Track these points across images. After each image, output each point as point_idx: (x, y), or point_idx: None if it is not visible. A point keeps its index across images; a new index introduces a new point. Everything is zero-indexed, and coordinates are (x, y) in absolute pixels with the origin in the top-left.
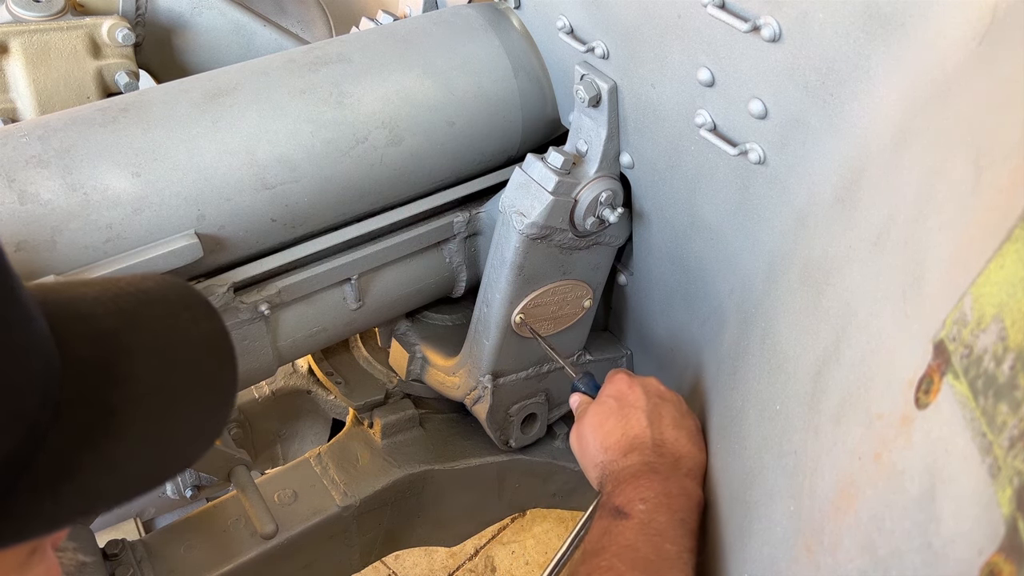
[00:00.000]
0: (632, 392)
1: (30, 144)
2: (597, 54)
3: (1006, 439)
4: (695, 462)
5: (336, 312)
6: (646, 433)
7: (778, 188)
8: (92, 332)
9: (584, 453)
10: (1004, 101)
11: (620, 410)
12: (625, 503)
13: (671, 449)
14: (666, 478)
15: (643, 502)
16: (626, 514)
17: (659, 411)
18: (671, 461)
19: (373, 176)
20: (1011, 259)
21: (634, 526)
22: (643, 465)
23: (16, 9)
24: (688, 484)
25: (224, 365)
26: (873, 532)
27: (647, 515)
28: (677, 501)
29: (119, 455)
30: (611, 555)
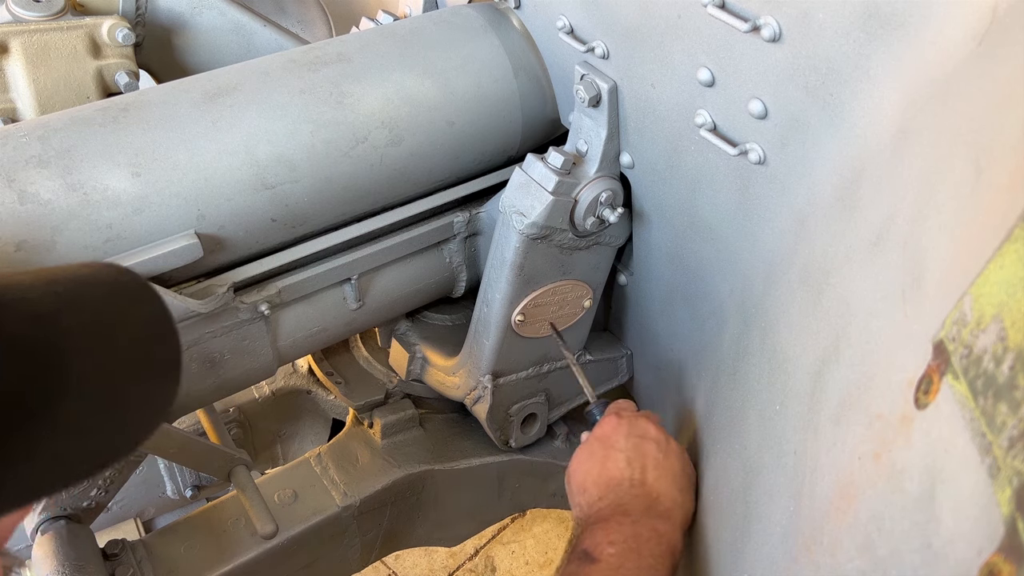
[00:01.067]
0: (615, 433)
1: (30, 144)
2: (597, 54)
3: (1005, 439)
4: (674, 503)
5: (336, 312)
6: (623, 474)
7: (778, 188)
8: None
9: (569, 490)
10: (1004, 101)
11: (601, 451)
12: (593, 547)
13: (649, 490)
14: (636, 520)
15: (611, 545)
16: (594, 558)
17: (640, 451)
18: (646, 502)
19: (373, 176)
20: (1011, 259)
21: (601, 571)
22: (615, 507)
23: (16, 9)
24: (661, 526)
25: (166, 346)
26: (873, 532)
27: (616, 560)
28: (647, 546)
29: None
30: None
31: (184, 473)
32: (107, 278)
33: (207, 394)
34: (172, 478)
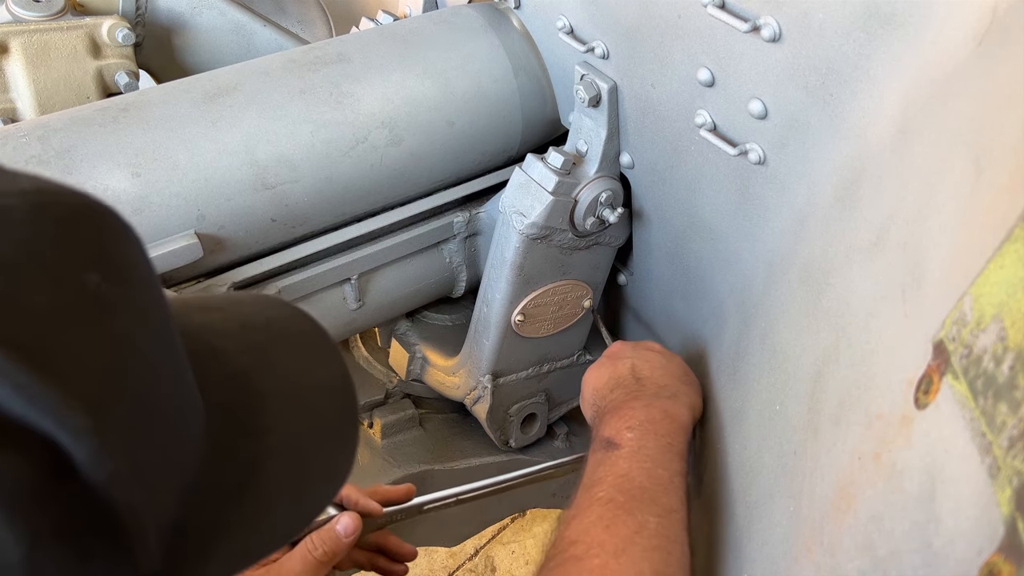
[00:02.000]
0: (624, 348)
1: (30, 144)
2: (597, 54)
3: (1005, 439)
4: (678, 390)
5: (336, 312)
6: (628, 372)
7: (778, 188)
8: (226, 373)
9: (583, 403)
10: (1004, 101)
11: (610, 361)
12: (614, 434)
13: (656, 380)
14: (648, 404)
15: (630, 430)
16: (616, 444)
17: (645, 357)
18: (653, 389)
19: (373, 176)
20: (1011, 259)
21: (626, 455)
22: (626, 394)
23: (16, 9)
24: (670, 406)
25: (347, 410)
26: (873, 532)
27: (636, 442)
28: (661, 426)
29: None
30: (608, 485)
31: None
32: (293, 326)
33: None
34: None
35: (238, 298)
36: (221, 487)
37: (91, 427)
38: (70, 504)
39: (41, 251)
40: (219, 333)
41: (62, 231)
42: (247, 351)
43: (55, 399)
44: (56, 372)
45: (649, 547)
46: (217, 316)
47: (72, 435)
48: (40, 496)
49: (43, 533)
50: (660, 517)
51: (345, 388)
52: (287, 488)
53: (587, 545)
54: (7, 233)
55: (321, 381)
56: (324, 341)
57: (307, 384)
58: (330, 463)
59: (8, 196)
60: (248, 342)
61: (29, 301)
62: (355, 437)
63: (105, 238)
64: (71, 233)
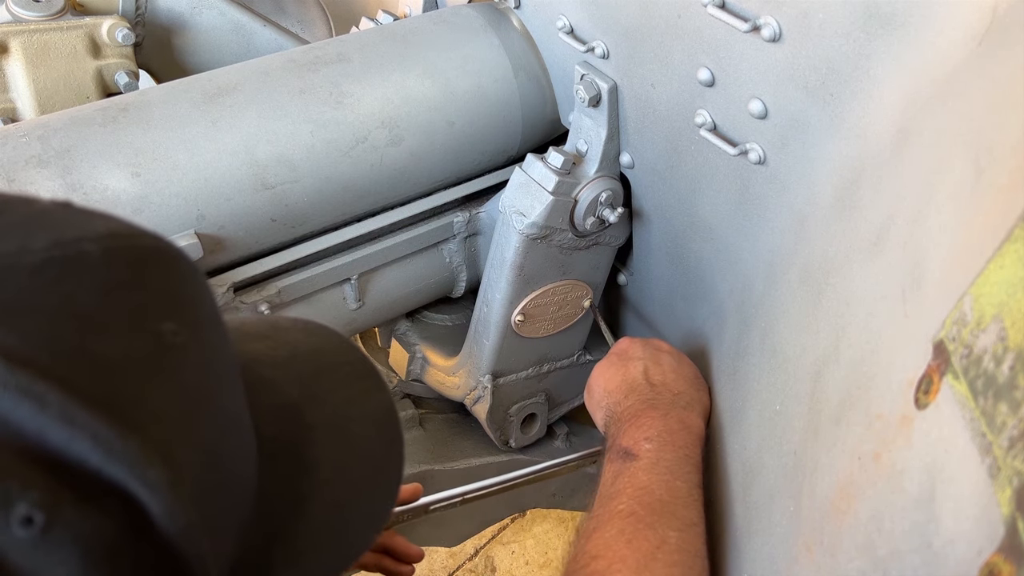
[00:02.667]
0: (632, 347)
1: (30, 144)
2: (597, 54)
3: (1006, 439)
4: (693, 398)
5: (336, 312)
6: (642, 377)
7: (778, 188)
8: (277, 405)
9: (591, 401)
10: (1004, 101)
11: (620, 361)
12: (632, 444)
13: (670, 387)
14: (665, 414)
15: (648, 441)
16: (634, 455)
17: (656, 359)
18: (669, 397)
19: (373, 176)
20: (1011, 259)
21: (644, 466)
22: (642, 403)
23: (16, 9)
24: (686, 416)
25: (393, 443)
26: (873, 532)
27: (654, 454)
28: (679, 436)
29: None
30: (627, 498)
31: None
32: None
33: None
34: None
35: (280, 324)
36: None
37: (168, 480)
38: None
39: (117, 299)
40: (268, 363)
41: (136, 277)
42: (295, 382)
43: (134, 453)
44: (133, 425)
45: (670, 562)
46: (264, 345)
47: (151, 489)
48: (116, 551)
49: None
50: (680, 531)
51: (390, 419)
52: (335, 520)
53: (609, 560)
54: (85, 280)
55: (366, 413)
56: (369, 371)
57: (354, 416)
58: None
59: (83, 241)
60: (296, 373)
61: (107, 352)
62: (400, 468)
63: (175, 280)
64: (145, 278)
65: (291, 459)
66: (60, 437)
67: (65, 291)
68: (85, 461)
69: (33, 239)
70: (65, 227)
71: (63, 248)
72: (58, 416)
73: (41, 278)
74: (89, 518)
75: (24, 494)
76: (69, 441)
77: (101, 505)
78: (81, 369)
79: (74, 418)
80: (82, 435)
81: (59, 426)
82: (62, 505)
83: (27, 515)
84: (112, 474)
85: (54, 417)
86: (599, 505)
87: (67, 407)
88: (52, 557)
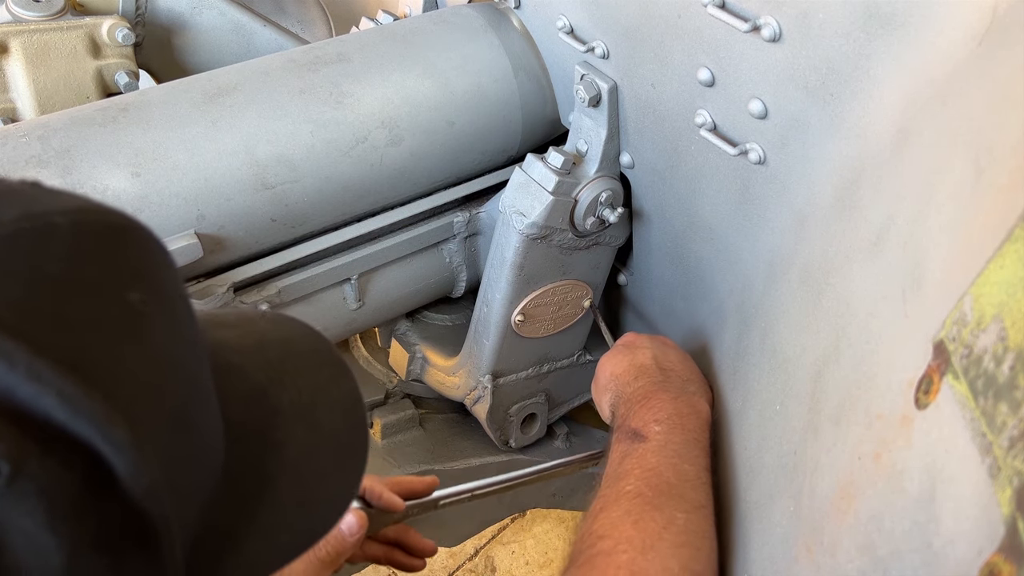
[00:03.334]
0: (639, 338)
1: (30, 144)
2: (597, 54)
3: (1006, 439)
4: (701, 386)
5: (336, 312)
6: (651, 361)
7: (778, 188)
8: (245, 390)
9: (597, 388)
10: (1004, 101)
11: (627, 350)
12: (641, 425)
13: (678, 373)
14: (675, 397)
15: (657, 423)
16: (643, 436)
17: (664, 348)
18: (679, 382)
19: (373, 176)
20: (1011, 259)
21: (653, 448)
22: (652, 385)
23: (16, 9)
24: (696, 401)
25: (358, 428)
26: (873, 532)
27: (663, 436)
28: (689, 420)
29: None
30: (635, 479)
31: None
32: (306, 344)
33: None
34: None
35: (248, 315)
36: (237, 499)
37: (132, 440)
38: (108, 513)
39: (86, 267)
40: (236, 350)
41: (104, 248)
42: (263, 368)
43: (100, 411)
44: (100, 385)
45: (677, 543)
46: (233, 333)
47: (115, 447)
48: (81, 505)
49: (82, 541)
50: (688, 513)
51: (355, 405)
52: (300, 501)
53: (615, 540)
54: (54, 249)
55: (333, 398)
56: (335, 359)
57: (320, 401)
58: (341, 477)
59: (52, 214)
60: (264, 359)
61: (75, 315)
62: (364, 452)
63: (143, 255)
64: (113, 250)
65: (257, 441)
66: (27, 393)
67: (34, 259)
68: (51, 417)
69: (3, 211)
70: (34, 202)
71: (32, 220)
72: (25, 372)
73: (10, 246)
74: (53, 471)
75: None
76: (35, 397)
77: (66, 460)
78: (48, 329)
79: (40, 375)
80: (48, 391)
81: (26, 382)
82: (28, 458)
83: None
84: (78, 430)
85: (21, 374)
86: (606, 486)
87: (33, 364)
88: (18, 507)
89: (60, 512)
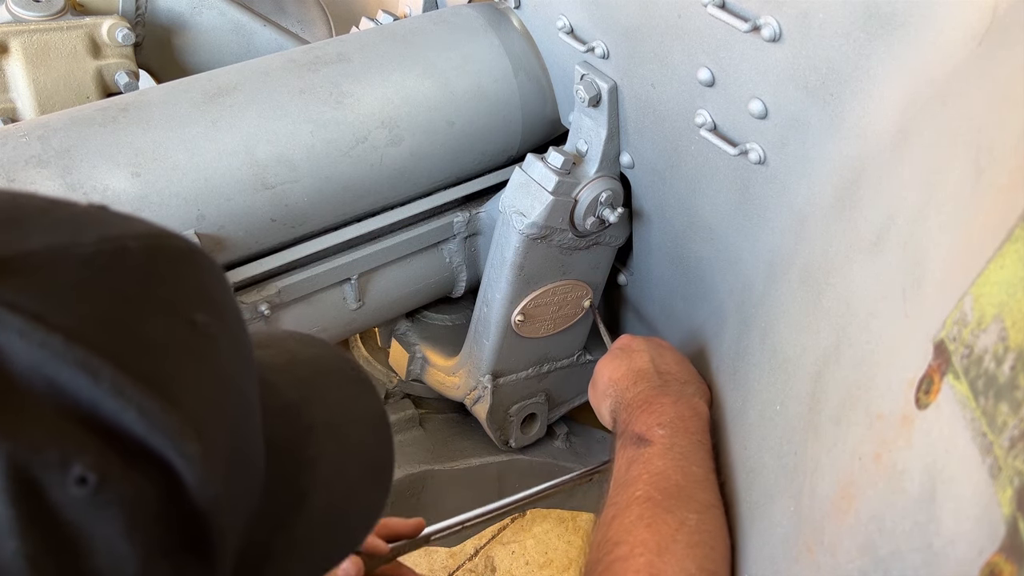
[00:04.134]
0: (635, 341)
1: (30, 144)
2: (597, 54)
3: (1006, 439)
4: (699, 387)
5: (336, 312)
6: (649, 365)
7: (778, 188)
8: (278, 406)
9: (595, 393)
10: (1004, 101)
11: (625, 354)
12: (645, 430)
13: (677, 375)
14: (676, 400)
15: (661, 427)
16: (648, 441)
17: (660, 352)
18: (677, 385)
19: (373, 176)
20: (1011, 259)
21: (659, 452)
22: (651, 389)
23: (16, 9)
24: (696, 403)
25: (385, 444)
26: (873, 532)
27: (668, 439)
28: (691, 423)
29: (307, 538)
30: (644, 483)
31: None
32: (335, 363)
33: None
34: None
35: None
36: (274, 514)
37: (202, 453)
38: (176, 523)
39: (159, 289)
40: (271, 368)
41: (174, 271)
42: (294, 385)
43: (175, 425)
44: (174, 400)
45: (691, 543)
46: (265, 353)
47: (187, 460)
48: (156, 515)
49: (155, 550)
50: (699, 513)
51: (382, 421)
52: (332, 515)
53: (631, 545)
54: (130, 272)
55: (361, 415)
56: (361, 377)
57: (349, 418)
58: (370, 493)
59: (126, 238)
60: (295, 377)
61: (151, 334)
62: (391, 467)
63: (206, 278)
64: (181, 273)
65: (292, 457)
66: (111, 407)
67: (112, 280)
68: (131, 430)
69: (82, 234)
70: (109, 226)
71: (109, 243)
72: (110, 388)
73: (91, 268)
74: (134, 482)
75: (80, 456)
76: (119, 412)
77: (145, 471)
78: (129, 348)
79: (123, 390)
80: (129, 406)
81: (110, 397)
82: (112, 468)
83: (81, 475)
84: (154, 444)
85: (107, 389)
86: (616, 493)
87: (117, 380)
88: (101, 514)
89: (137, 520)
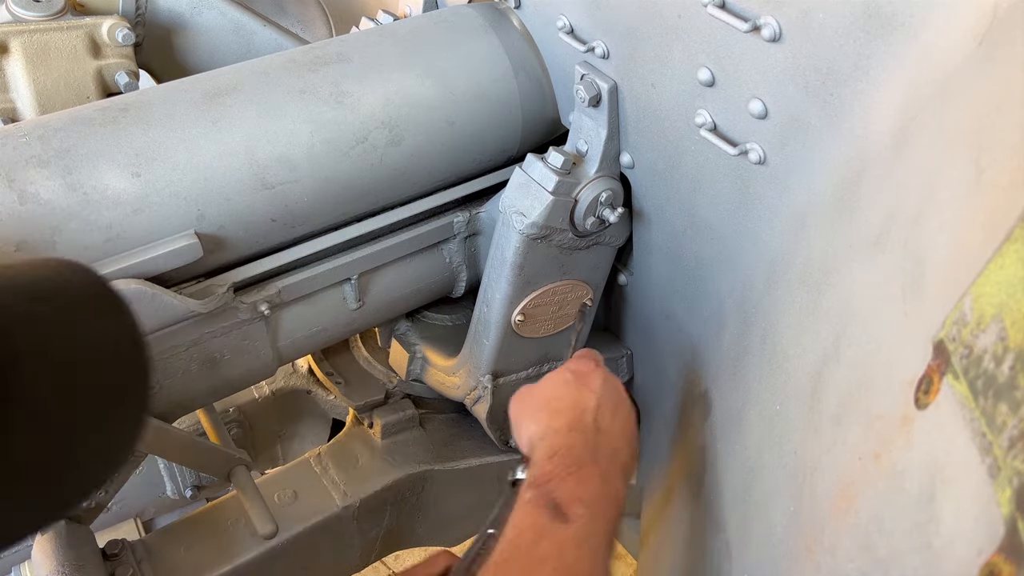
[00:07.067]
0: (593, 375)
1: (30, 144)
2: (597, 54)
3: (1006, 439)
4: (626, 460)
5: (336, 312)
6: (591, 415)
7: (778, 188)
8: None
9: (524, 407)
10: (1004, 101)
11: (576, 385)
12: (566, 502)
13: (613, 440)
14: (604, 477)
15: (583, 505)
16: (566, 516)
17: (609, 399)
18: (608, 451)
19: (373, 176)
20: (1011, 259)
21: (573, 539)
22: (584, 449)
23: (16, 9)
24: (619, 486)
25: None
26: (873, 532)
27: (587, 526)
28: (611, 508)
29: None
30: (552, 569)
31: (184, 473)
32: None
33: (207, 394)
34: (172, 478)
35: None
36: None
37: None
38: None
39: None
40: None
41: None
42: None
43: None
44: None
45: None
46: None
47: None
48: None
49: None
50: None
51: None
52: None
53: None
54: None
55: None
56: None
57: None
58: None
59: None
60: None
61: None
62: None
63: None
64: None
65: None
66: None
67: None
68: None
69: None
70: None
71: None
72: None
73: None
74: None
75: None
76: None
77: None
78: None
79: None
80: None
81: None
82: None
83: None
84: None
85: None
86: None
87: None
88: None
89: None
